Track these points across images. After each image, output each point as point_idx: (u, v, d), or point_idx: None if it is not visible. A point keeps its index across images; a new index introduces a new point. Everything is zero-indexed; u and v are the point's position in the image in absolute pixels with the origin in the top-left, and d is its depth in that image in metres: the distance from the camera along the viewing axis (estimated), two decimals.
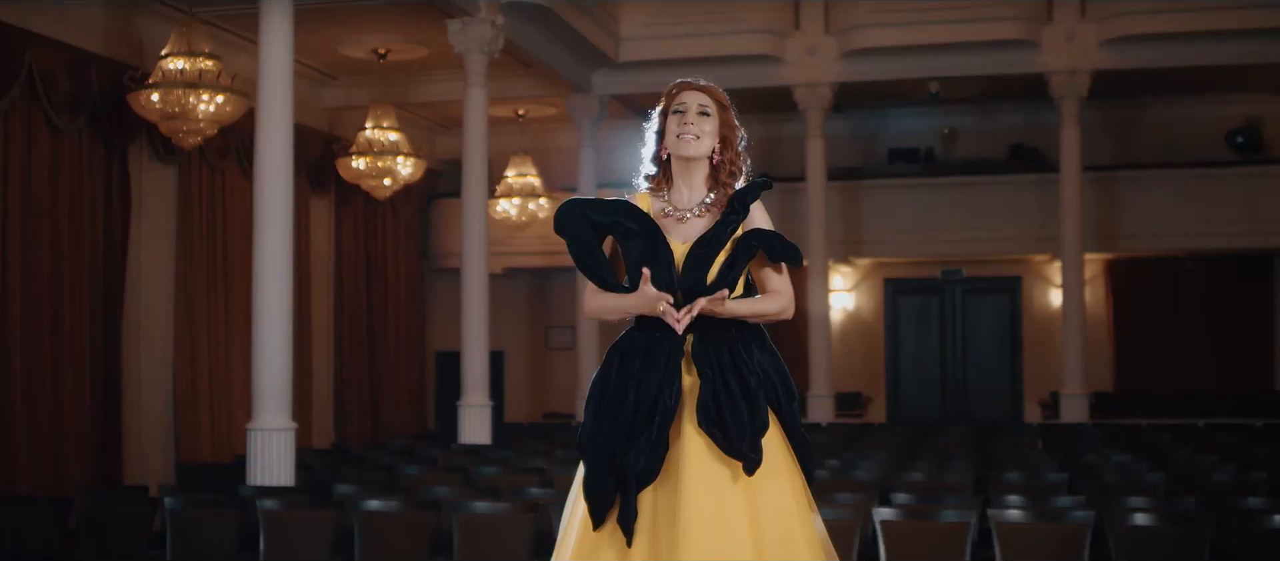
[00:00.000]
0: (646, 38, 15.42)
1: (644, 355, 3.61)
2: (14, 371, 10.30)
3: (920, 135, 18.41)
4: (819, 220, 15.80)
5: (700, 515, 3.43)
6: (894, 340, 18.63)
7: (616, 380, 3.61)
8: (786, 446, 3.62)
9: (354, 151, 14.09)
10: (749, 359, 3.60)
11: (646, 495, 3.51)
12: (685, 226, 3.72)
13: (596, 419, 3.60)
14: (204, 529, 7.26)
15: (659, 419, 3.51)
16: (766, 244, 3.65)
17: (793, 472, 3.61)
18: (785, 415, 3.64)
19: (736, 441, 3.47)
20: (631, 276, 3.68)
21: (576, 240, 3.68)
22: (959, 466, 8.95)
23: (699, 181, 3.79)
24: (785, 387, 3.66)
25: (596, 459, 3.55)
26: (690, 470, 3.48)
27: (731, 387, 3.54)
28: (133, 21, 11.88)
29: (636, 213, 3.70)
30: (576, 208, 3.71)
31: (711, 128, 3.76)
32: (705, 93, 3.79)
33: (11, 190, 10.38)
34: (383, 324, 16.86)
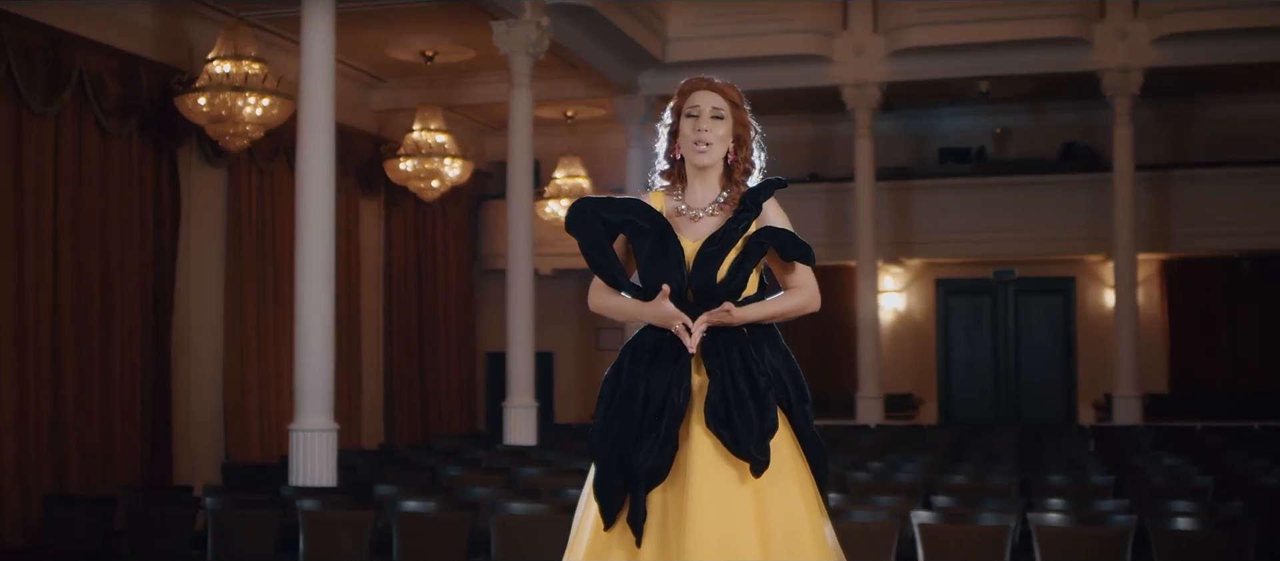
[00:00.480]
0: (693, 38, 15.38)
1: (654, 354, 3.59)
2: (65, 372, 10.42)
3: (971, 135, 18.26)
4: (868, 220, 15.71)
5: (707, 516, 3.40)
6: (945, 341, 18.49)
7: (627, 379, 3.59)
8: (797, 449, 3.58)
9: (402, 153, 14.16)
10: (759, 359, 3.57)
11: (656, 495, 3.49)
12: (698, 225, 3.68)
13: (607, 418, 3.58)
14: (245, 528, 7.31)
15: (667, 418, 3.49)
16: (778, 242, 3.61)
17: (802, 475, 3.57)
18: (796, 417, 3.60)
19: (744, 442, 3.43)
20: (642, 275, 3.66)
21: (588, 239, 3.66)
22: (1003, 469, 8.85)
23: (712, 180, 3.76)
24: (797, 389, 3.62)
25: (606, 458, 3.54)
26: (698, 471, 3.45)
27: (740, 387, 3.50)
28: (181, 25, 12.00)
29: (649, 211, 3.68)
30: (588, 206, 3.69)
31: (725, 130, 3.72)
32: (718, 93, 3.74)
33: (62, 193, 10.50)
34: (433, 325, 16.94)
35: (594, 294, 3.77)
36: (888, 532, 6.50)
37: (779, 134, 18.17)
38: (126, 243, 11.20)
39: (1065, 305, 18.11)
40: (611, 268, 3.67)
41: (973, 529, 6.43)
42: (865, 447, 11.18)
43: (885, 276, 18.37)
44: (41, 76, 10.19)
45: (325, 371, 8.85)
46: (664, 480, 3.48)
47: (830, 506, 7.12)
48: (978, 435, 13.11)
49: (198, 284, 12.37)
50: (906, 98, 17.13)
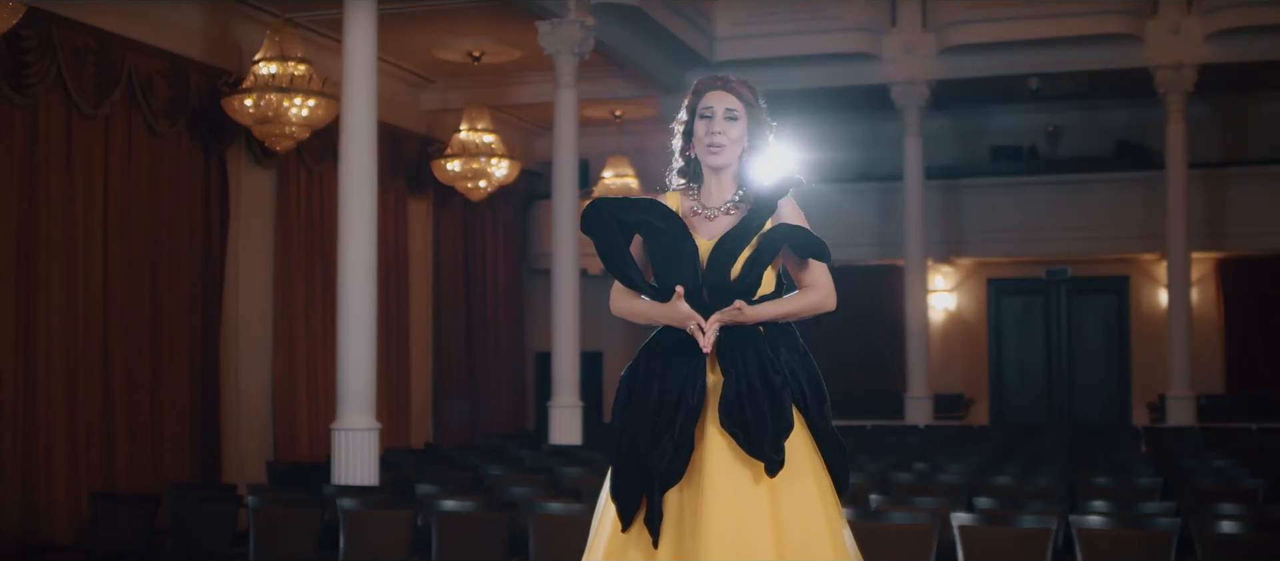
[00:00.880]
0: (741, 36, 15.33)
1: (669, 354, 3.57)
2: (114, 371, 10.53)
3: (1023, 133, 18.08)
4: (916, 219, 15.59)
5: (721, 516, 3.38)
6: (997, 341, 18.33)
7: (642, 379, 3.58)
8: (814, 449, 3.55)
9: (449, 153, 14.21)
10: (775, 358, 3.54)
11: (672, 495, 3.47)
12: (713, 224, 3.67)
13: (623, 419, 3.57)
14: (286, 526, 7.35)
15: (682, 418, 3.47)
16: (792, 239, 3.58)
17: (819, 476, 3.53)
18: (813, 417, 3.56)
19: (758, 441, 3.40)
20: (657, 275, 3.64)
21: (604, 241, 3.65)
22: (1049, 470, 8.75)
23: (728, 179, 3.74)
24: (814, 389, 3.59)
25: (622, 459, 3.52)
26: (712, 471, 3.43)
27: (755, 387, 3.47)
28: (230, 27, 12.10)
29: (665, 211, 3.66)
30: (604, 207, 3.68)
31: (739, 131, 3.69)
32: (733, 93, 3.71)
33: (112, 193, 10.62)
34: (482, 325, 16.99)
35: (614, 297, 3.76)
36: (927, 534, 6.44)
37: (828, 132, 18.17)
38: (176, 243, 11.31)
39: (1119, 305, 17.90)
40: (628, 269, 3.65)
41: (1014, 531, 6.36)
42: (911, 448, 11.10)
43: (936, 276, 18.23)
44: (91, 79, 10.31)
45: (367, 371, 8.89)
46: (680, 480, 3.45)
47: (871, 507, 7.13)
48: (1027, 436, 12.98)
49: (247, 283, 12.47)
50: (957, 96, 16.99)
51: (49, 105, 10.02)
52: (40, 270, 9.86)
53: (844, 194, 17.35)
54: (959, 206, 17.09)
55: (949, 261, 17.88)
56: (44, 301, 9.88)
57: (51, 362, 9.91)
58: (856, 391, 17.93)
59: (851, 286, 18.40)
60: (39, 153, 9.92)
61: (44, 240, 9.91)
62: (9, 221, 9.61)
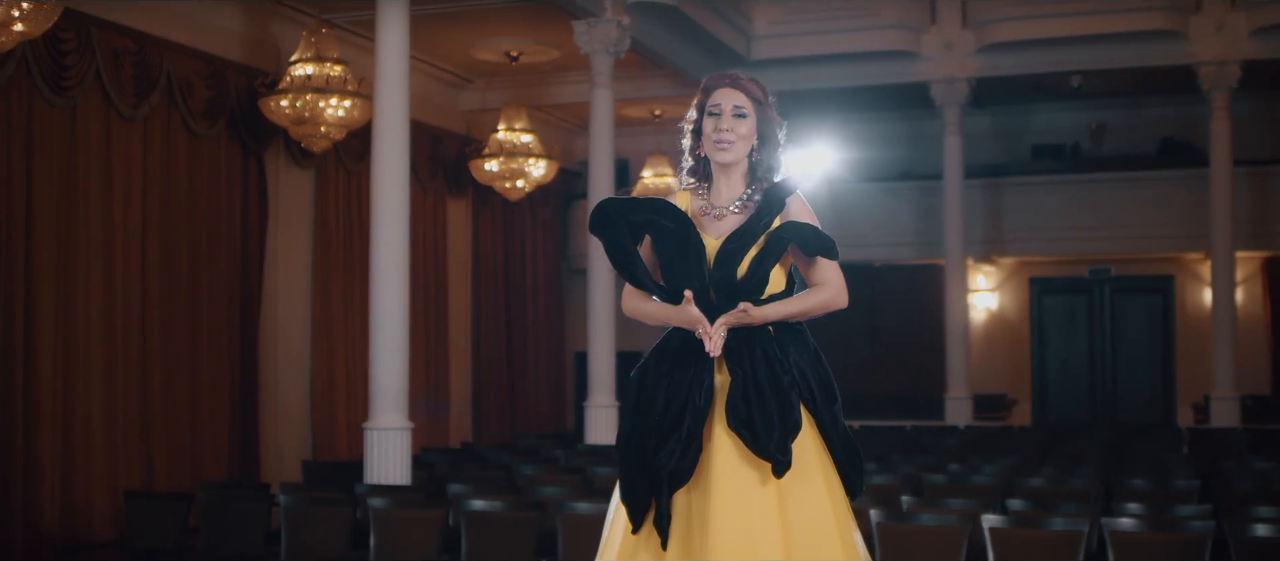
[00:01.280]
0: (779, 35, 15.29)
1: (677, 354, 3.56)
2: (153, 370, 10.61)
3: (1066, 131, 17.92)
4: (956, 218, 15.49)
5: (729, 517, 3.36)
6: (1040, 341, 18.18)
7: (651, 381, 3.57)
8: (822, 449, 3.52)
9: (486, 153, 14.23)
10: (784, 358, 3.52)
11: (681, 496, 3.46)
12: (721, 223, 3.66)
13: (631, 420, 3.56)
14: (318, 525, 7.39)
15: (689, 419, 3.45)
16: (799, 237, 3.57)
17: (828, 477, 3.50)
18: (823, 417, 3.53)
19: (764, 442, 3.38)
20: (664, 274, 3.63)
21: (612, 241, 3.64)
22: (1085, 472, 8.66)
23: (737, 178, 3.72)
24: (824, 389, 3.56)
25: (631, 460, 3.51)
26: (719, 472, 3.41)
27: (762, 387, 3.45)
28: (268, 28, 12.17)
29: (673, 210, 3.65)
30: (612, 207, 3.67)
31: (747, 129, 3.68)
32: (741, 91, 3.70)
33: (151, 194, 10.70)
34: (521, 325, 17.02)
35: (626, 298, 3.75)
36: (957, 536, 6.39)
37: (868, 131, 18.09)
38: (215, 243, 11.38)
39: (1164, 304, 17.71)
40: (636, 269, 3.64)
41: (1045, 533, 6.29)
42: (948, 449, 11.03)
43: (978, 275, 18.11)
44: (130, 80, 10.39)
45: (399, 370, 8.92)
46: (688, 481, 3.44)
47: (903, 508, 7.07)
48: (1067, 437, 12.86)
49: (286, 283, 12.54)
50: (998, 93, 16.88)
51: (88, 107, 10.11)
52: (79, 271, 9.95)
53: (884, 193, 17.28)
54: (1001, 205, 16.97)
55: (991, 261, 17.75)
56: (83, 302, 9.96)
57: (90, 362, 10.00)
58: (896, 392, 17.85)
59: (891, 286, 18.52)
60: (78, 154, 10.00)
61: (83, 241, 10.00)
62: (49, 222, 9.70)
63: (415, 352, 14.28)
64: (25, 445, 9.37)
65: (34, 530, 9.37)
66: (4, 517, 9.17)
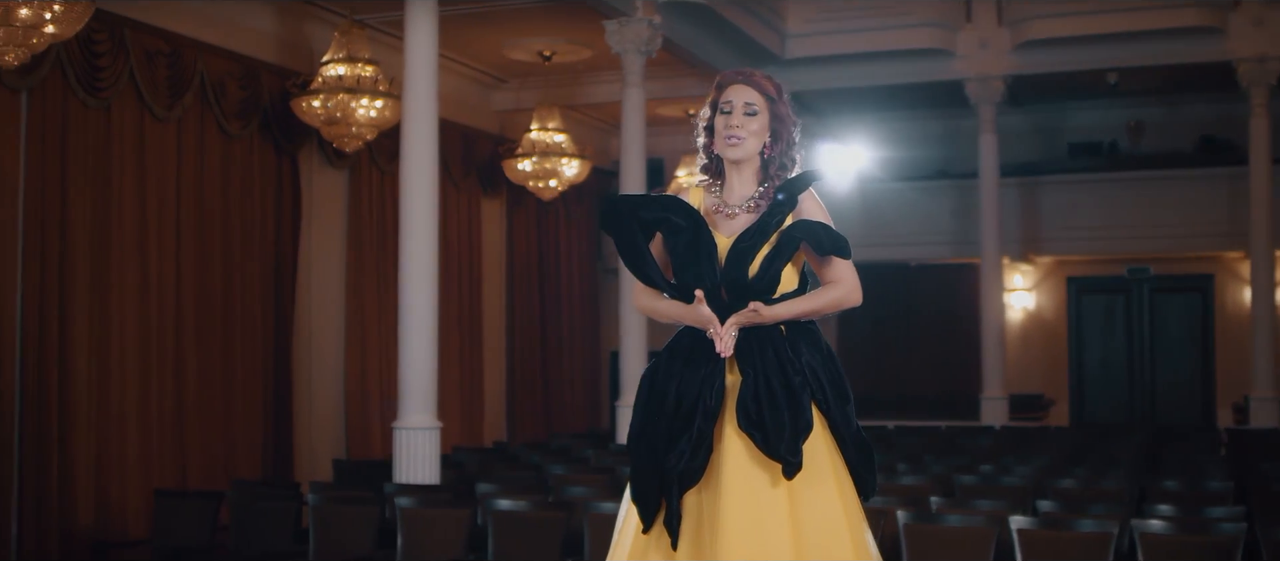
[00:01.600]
0: (814, 34, 15.22)
1: (688, 354, 3.54)
2: (187, 371, 10.68)
3: (1103, 128, 17.78)
4: (992, 217, 15.38)
5: (739, 518, 3.34)
6: (1078, 340, 18.04)
7: (662, 380, 3.55)
8: (834, 450, 3.49)
9: (520, 153, 14.25)
10: (795, 357, 3.49)
11: (691, 497, 3.44)
12: (734, 221, 3.63)
13: (642, 419, 3.54)
14: (345, 524, 7.42)
15: (700, 419, 3.43)
16: (811, 236, 3.53)
17: (840, 478, 3.47)
18: (835, 418, 3.50)
19: (775, 443, 3.36)
20: (676, 272, 3.61)
21: (622, 238, 3.62)
22: (1119, 473, 8.58)
23: (749, 176, 3.69)
24: (836, 389, 3.52)
25: (641, 460, 3.50)
26: (729, 473, 3.39)
27: (774, 387, 3.42)
28: (302, 29, 12.22)
29: (684, 207, 3.62)
30: (623, 204, 3.65)
31: (758, 125, 3.65)
32: (752, 87, 3.67)
33: (185, 195, 10.77)
34: (556, 324, 17.03)
35: (637, 295, 3.74)
36: (985, 538, 6.34)
37: (904, 130, 18.01)
38: (248, 243, 11.44)
39: (1203, 303, 17.54)
40: (647, 267, 3.62)
41: (1074, 535, 6.23)
42: (981, 449, 10.96)
43: (1015, 274, 17.99)
44: (164, 81, 10.46)
45: (428, 370, 8.93)
46: (698, 482, 3.42)
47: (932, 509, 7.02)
48: (1103, 438, 12.75)
49: (320, 283, 12.59)
50: (1035, 91, 16.76)
51: (122, 108, 10.18)
52: (114, 271, 10.02)
53: (920, 192, 17.20)
54: (1037, 204, 16.85)
55: (1028, 259, 17.63)
56: (117, 302, 10.03)
57: (124, 362, 10.07)
58: (932, 392, 17.77)
59: (927, 285, 18.42)
60: (113, 154, 10.07)
61: (117, 241, 10.07)
62: (83, 222, 9.77)
63: (449, 352, 14.37)
64: (60, 444, 9.45)
65: (69, 528, 9.45)
66: (39, 516, 9.25)
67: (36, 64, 9.15)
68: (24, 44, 7.38)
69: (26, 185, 9.38)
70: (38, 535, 9.22)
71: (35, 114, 9.43)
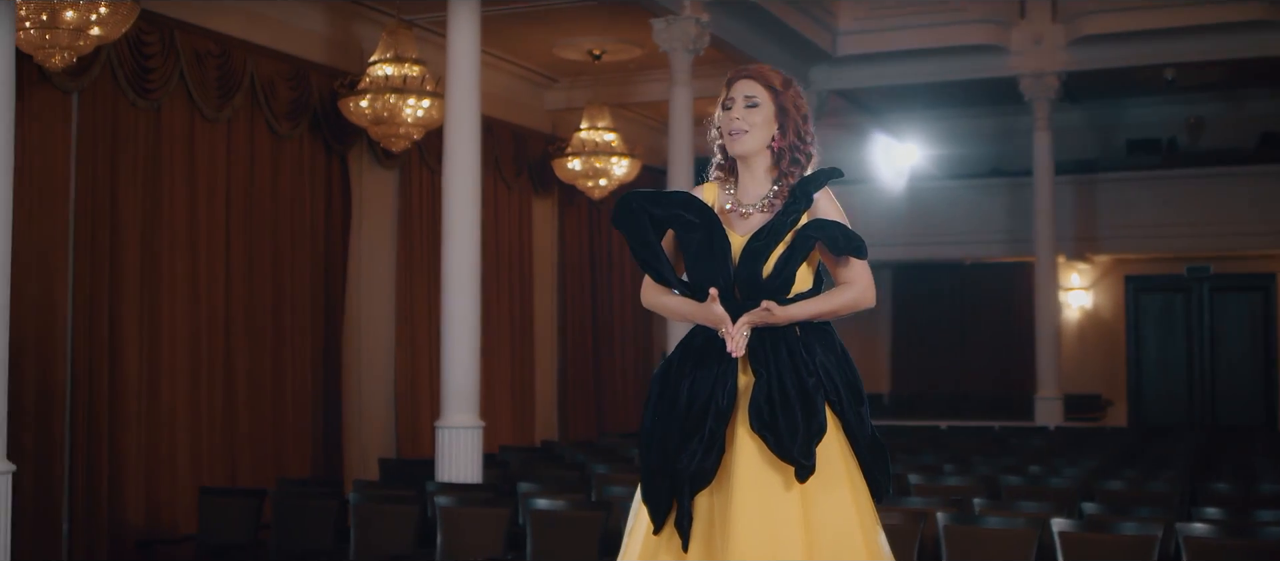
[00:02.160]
0: (865, 31, 15.11)
1: (700, 353, 3.50)
2: (237, 369, 10.76)
3: (1161, 125, 17.53)
4: (1046, 215, 15.18)
5: (750, 522, 3.29)
6: (1136, 340, 17.79)
7: (674, 379, 3.51)
8: (848, 453, 3.43)
9: (569, 152, 14.25)
10: (810, 359, 3.44)
11: (703, 499, 3.39)
12: (748, 220, 3.59)
13: (654, 420, 3.50)
14: (385, 523, 7.44)
15: (711, 420, 3.38)
16: (826, 235, 3.48)
17: (854, 481, 3.42)
18: (849, 419, 3.44)
19: (788, 445, 3.30)
20: (689, 271, 3.57)
21: (634, 236, 3.59)
22: (1169, 475, 8.43)
23: (762, 172, 3.65)
24: (851, 391, 3.47)
25: (652, 460, 3.45)
26: (742, 475, 3.34)
27: (787, 389, 3.37)
28: (351, 29, 12.28)
29: (697, 204, 3.58)
30: (636, 201, 3.61)
31: (762, 117, 3.60)
32: (754, 80, 3.64)
33: (234, 195, 10.85)
34: (608, 323, 17.02)
35: (646, 291, 3.71)
36: (1026, 540, 6.25)
37: (958, 127, 17.85)
38: (298, 242, 11.51)
39: (1265, 303, 17.25)
40: (660, 265, 3.59)
41: (1117, 539, 6.13)
42: (1032, 450, 10.82)
43: (1071, 273, 17.78)
44: (214, 82, 10.54)
45: (470, 369, 8.94)
46: (710, 483, 3.37)
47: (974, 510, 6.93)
48: (1158, 439, 12.56)
49: (370, 282, 12.65)
50: (1091, 88, 16.53)
51: (172, 109, 10.27)
52: (164, 271, 10.11)
53: (974, 190, 17.05)
54: (1094, 202, 16.64)
55: (1084, 258, 17.41)
56: (167, 301, 10.13)
57: (174, 361, 10.16)
58: (987, 392, 17.60)
59: (982, 284, 18.27)
60: (163, 155, 10.16)
61: (167, 241, 10.16)
62: (133, 223, 9.87)
63: (501, 351, 14.41)
64: (110, 441, 9.55)
65: (118, 526, 9.54)
66: (90, 513, 9.35)
67: (87, 66, 9.25)
68: (70, 46, 7.46)
69: (77, 186, 9.48)
70: (88, 532, 9.32)
71: (85, 115, 9.53)
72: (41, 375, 9.13)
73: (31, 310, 9.09)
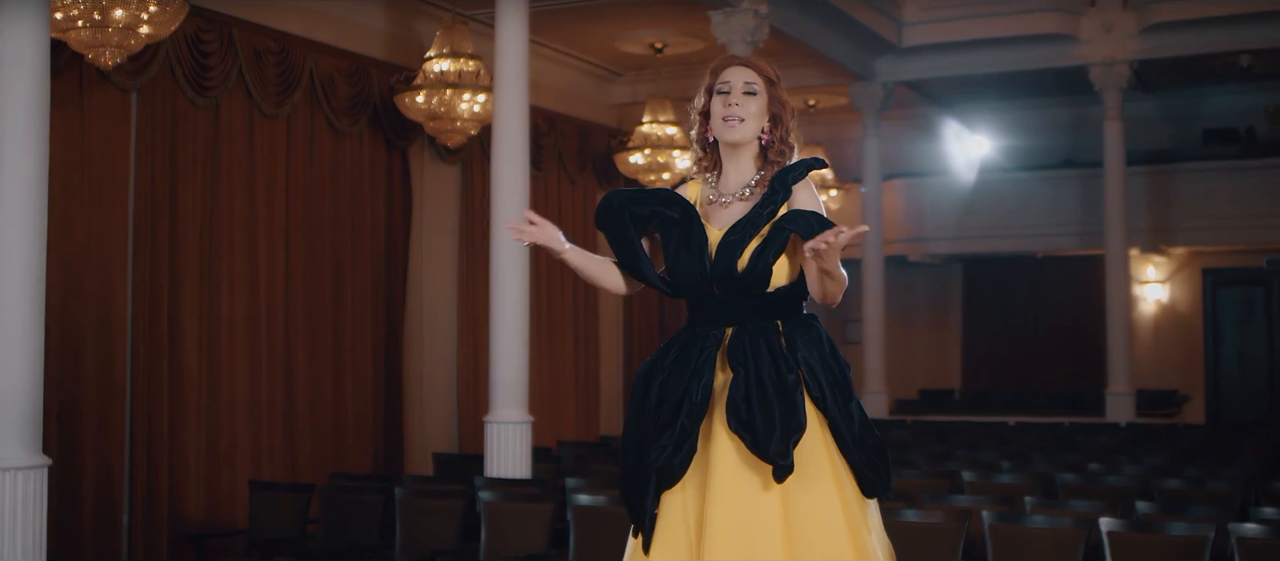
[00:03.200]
0: (931, 21, 14.88)
1: (681, 349, 3.42)
2: (297, 365, 10.84)
3: (1239, 114, 17.11)
4: (1117, 207, 14.86)
5: (726, 523, 3.21)
6: (1214, 335, 17.34)
7: (654, 375, 3.43)
8: (833, 450, 3.32)
9: (631, 146, 14.21)
10: (790, 354, 3.34)
11: (678, 498, 3.30)
12: (728, 211, 3.50)
13: (635, 417, 3.43)
14: (431, 518, 7.46)
15: (684, 415, 3.29)
16: (801, 226, 3.36)
17: (840, 479, 3.31)
18: (834, 416, 3.33)
19: (764, 444, 3.20)
20: (668, 267, 3.51)
21: (615, 234, 3.54)
22: (1232, 473, 8.21)
23: (747, 163, 3.57)
24: (837, 387, 3.36)
25: (629, 457, 3.39)
26: (718, 475, 3.26)
27: (765, 385, 3.27)
28: (411, 26, 12.32)
29: (678, 201, 3.52)
30: (617, 199, 3.57)
31: (758, 107, 3.52)
32: (751, 69, 3.55)
33: (294, 190, 10.93)
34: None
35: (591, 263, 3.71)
36: (1072, 541, 6.11)
37: (1029, 118, 17.56)
38: (359, 238, 11.57)
39: None
40: (639, 264, 3.53)
41: (1166, 539, 5.97)
42: (1096, 447, 10.61)
43: (1147, 267, 17.43)
44: (273, 80, 10.62)
45: (519, 364, 8.92)
46: (677, 481, 3.28)
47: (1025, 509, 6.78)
48: (1233, 435, 12.26)
49: (431, 277, 12.69)
50: (1166, 77, 16.18)
51: (231, 106, 10.36)
52: (223, 267, 10.21)
53: (1045, 182, 16.78)
54: (1170, 193, 16.29)
55: (1160, 251, 17.05)
56: (227, 297, 10.22)
57: (234, 356, 10.25)
58: (1059, 387, 17.32)
59: (1055, 278, 17.97)
60: (221, 152, 10.26)
61: (226, 237, 10.26)
62: (193, 220, 9.97)
63: (565, 345, 14.43)
64: (170, 436, 9.66)
65: (179, 519, 9.65)
66: (150, 505, 9.46)
67: (145, 65, 9.35)
68: (121, 45, 7.54)
69: (136, 184, 9.59)
70: (148, 525, 9.43)
71: (144, 113, 9.64)
72: (102, 370, 9.25)
73: (92, 306, 9.22)
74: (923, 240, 17.26)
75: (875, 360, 15.56)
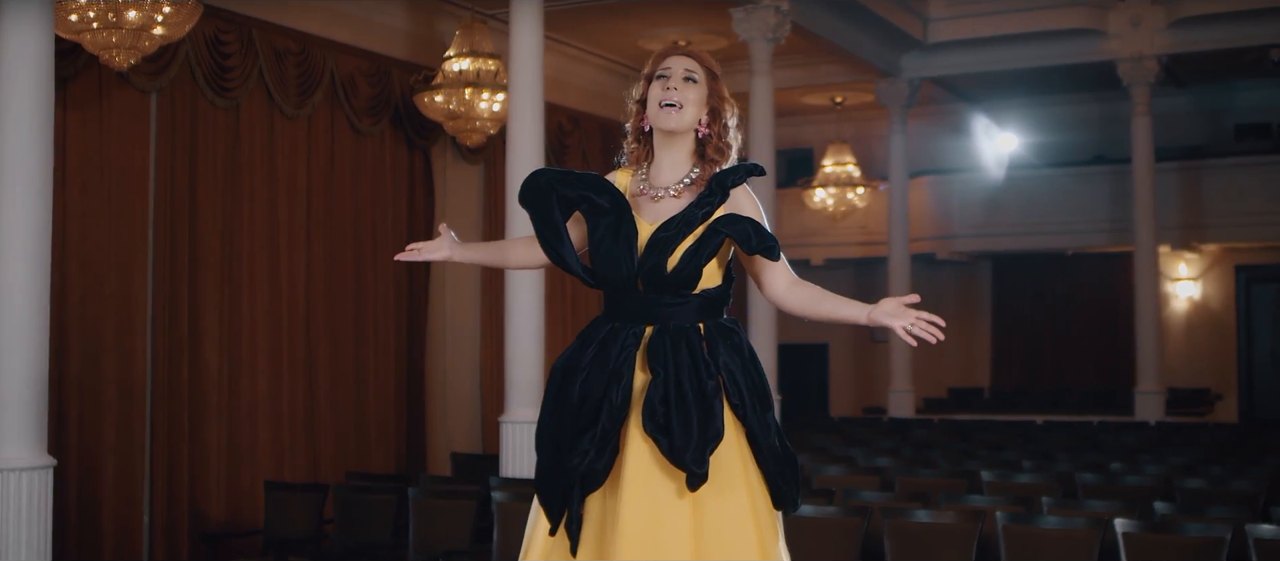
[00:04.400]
0: (957, 17, 14.78)
1: (600, 346, 3.31)
2: (318, 366, 10.85)
3: (1271, 108, 16.88)
4: (1146, 203, 14.70)
5: (637, 526, 3.14)
6: (1247, 332, 17.17)
7: (571, 370, 3.33)
8: (748, 459, 3.26)
9: None
10: (712, 360, 3.26)
11: (595, 501, 3.23)
12: (658, 206, 3.40)
13: (550, 412, 3.34)
14: (444, 518, 7.44)
15: (604, 418, 3.21)
16: (738, 231, 3.28)
17: (753, 489, 3.25)
18: (752, 425, 3.26)
19: (680, 451, 3.13)
20: (593, 257, 3.38)
21: (542, 216, 3.41)
22: (1254, 473, 8.10)
23: (682, 157, 3.46)
24: (755, 394, 3.28)
25: (546, 458, 3.30)
26: (630, 477, 3.18)
27: (684, 390, 3.19)
28: (432, 25, 12.31)
29: (609, 189, 3.41)
30: (544, 178, 3.45)
31: (697, 96, 3.42)
32: (694, 59, 3.47)
33: (315, 191, 10.94)
34: None
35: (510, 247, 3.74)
36: (1087, 542, 6.03)
37: (1057, 114, 17.40)
38: (380, 238, 11.57)
39: None
40: (563, 250, 3.40)
41: (1182, 540, 5.88)
42: (1122, 447, 10.49)
43: (1178, 263, 17.24)
44: (293, 80, 10.63)
45: (533, 363, 8.90)
46: (601, 485, 3.20)
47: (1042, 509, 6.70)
48: (1265, 434, 12.11)
49: (454, 278, 12.68)
50: (1197, 71, 15.99)
51: (252, 107, 10.38)
52: (244, 267, 10.23)
53: (1074, 178, 16.62)
54: (1202, 189, 16.10)
55: (1191, 248, 16.85)
56: (248, 297, 10.24)
57: (255, 356, 10.27)
58: (1089, 385, 17.15)
59: (1085, 275, 17.79)
60: (241, 152, 10.28)
61: (247, 237, 10.28)
62: (214, 220, 10.00)
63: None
64: (191, 436, 9.69)
65: (200, 518, 9.68)
66: (171, 505, 9.50)
67: (165, 66, 9.38)
68: (134, 46, 7.55)
69: (157, 184, 9.62)
70: (169, 524, 9.46)
71: (164, 114, 9.67)
72: (122, 371, 9.28)
73: (112, 307, 9.25)
74: (951, 237, 17.14)
75: (902, 359, 15.47)
